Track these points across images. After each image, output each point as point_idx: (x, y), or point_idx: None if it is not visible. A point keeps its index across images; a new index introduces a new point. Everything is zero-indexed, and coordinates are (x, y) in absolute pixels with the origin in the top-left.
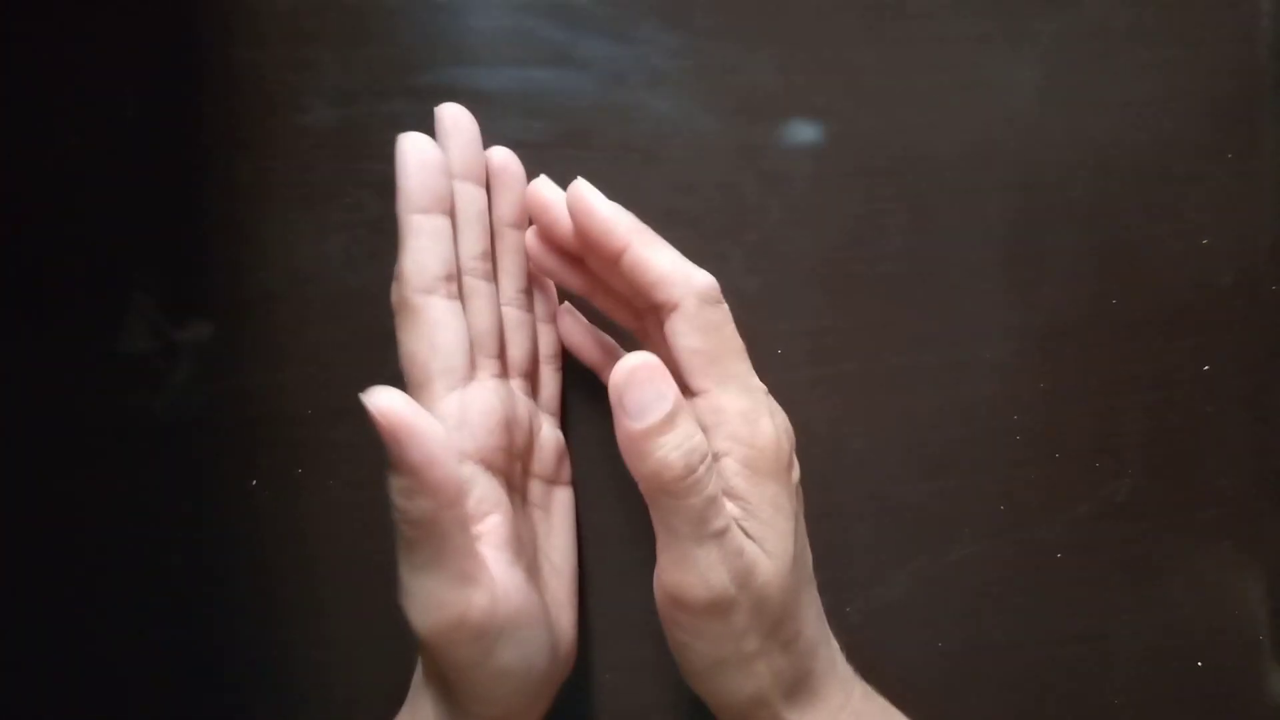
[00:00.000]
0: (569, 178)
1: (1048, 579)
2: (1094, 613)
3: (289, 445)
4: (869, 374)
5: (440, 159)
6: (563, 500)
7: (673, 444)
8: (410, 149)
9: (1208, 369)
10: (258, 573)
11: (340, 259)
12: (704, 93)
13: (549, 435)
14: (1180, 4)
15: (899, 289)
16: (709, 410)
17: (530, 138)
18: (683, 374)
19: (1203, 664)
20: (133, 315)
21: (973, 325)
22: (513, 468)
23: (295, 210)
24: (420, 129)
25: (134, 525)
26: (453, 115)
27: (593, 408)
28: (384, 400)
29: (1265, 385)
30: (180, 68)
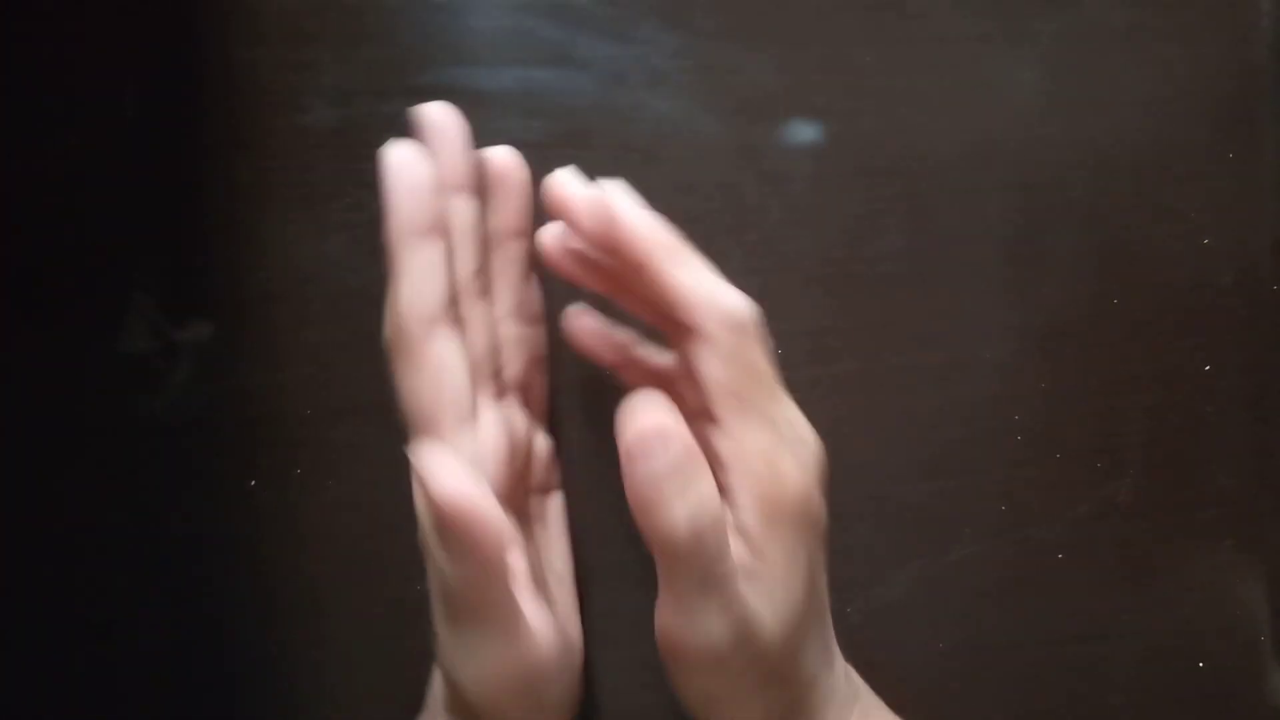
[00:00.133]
0: None
1: (1048, 579)
2: (1094, 613)
3: (289, 445)
4: (869, 374)
5: (432, 175)
6: (556, 506)
7: (681, 506)
8: (399, 166)
9: (1209, 369)
10: (257, 573)
11: (340, 259)
12: (704, 93)
13: (541, 445)
14: (1180, 4)
15: (899, 289)
16: (728, 447)
17: (530, 138)
18: (708, 404)
19: (1204, 664)
20: (132, 315)
21: (973, 325)
22: (516, 493)
23: (295, 210)
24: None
25: (133, 525)
26: (438, 117)
27: (591, 408)
28: (449, 482)
29: (1266, 385)
30: (180, 67)
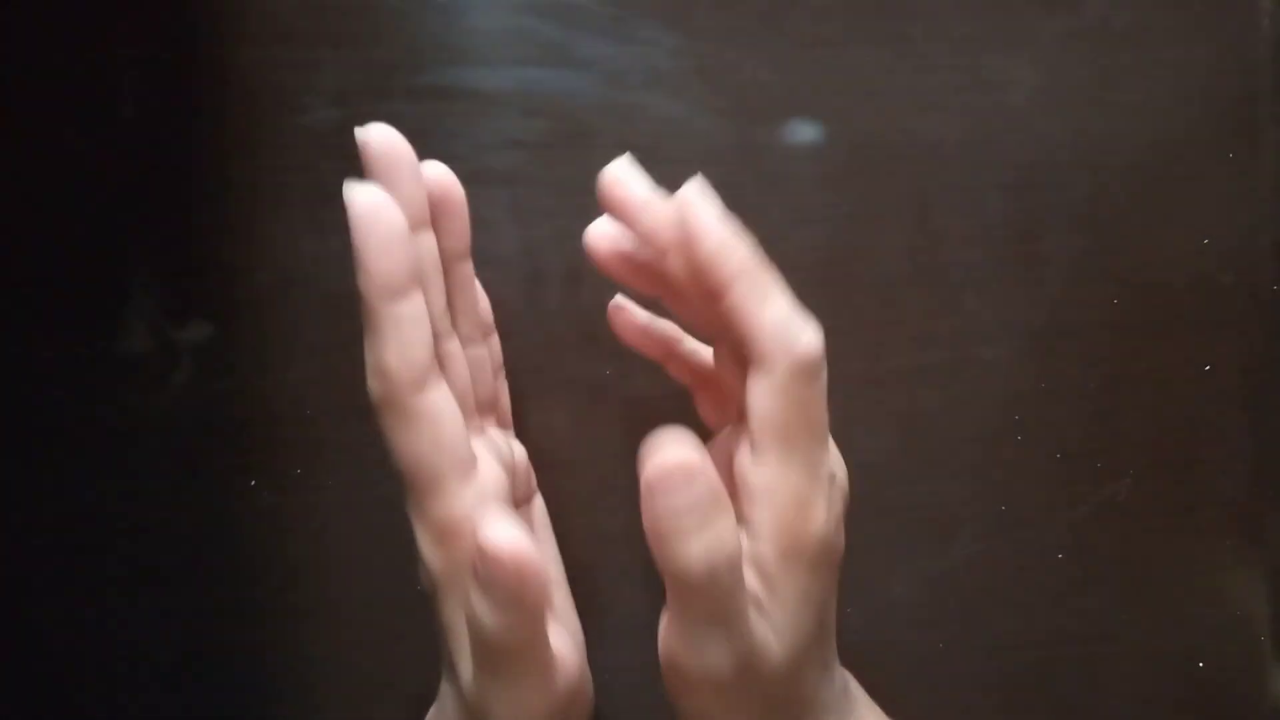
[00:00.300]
0: (570, 178)
1: (1048, 579)
2: (1095, 613)
3: (289, 445)
4: (869, 374)
5: (403, 223)
6: (539, 511)
7: (698, 545)
8: (370, 216)
9: (1209, 369)
10: (257, 573)
11: (340, 259)
12: (704, 93)
13: (518, 456)
14: (1180, 4)
15: (899, 289)
16: (763, 483)
17: (530, 138)
18: (749, 429)
19: (1204, 664)
20: (132, 315)
21: (973, 325)
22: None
23: (295, 210)
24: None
25: (133, 525)
26: (386, 143)
27: (590, 410)
28: (509, 540)
29: (1266, 385)
30: (179, 67)
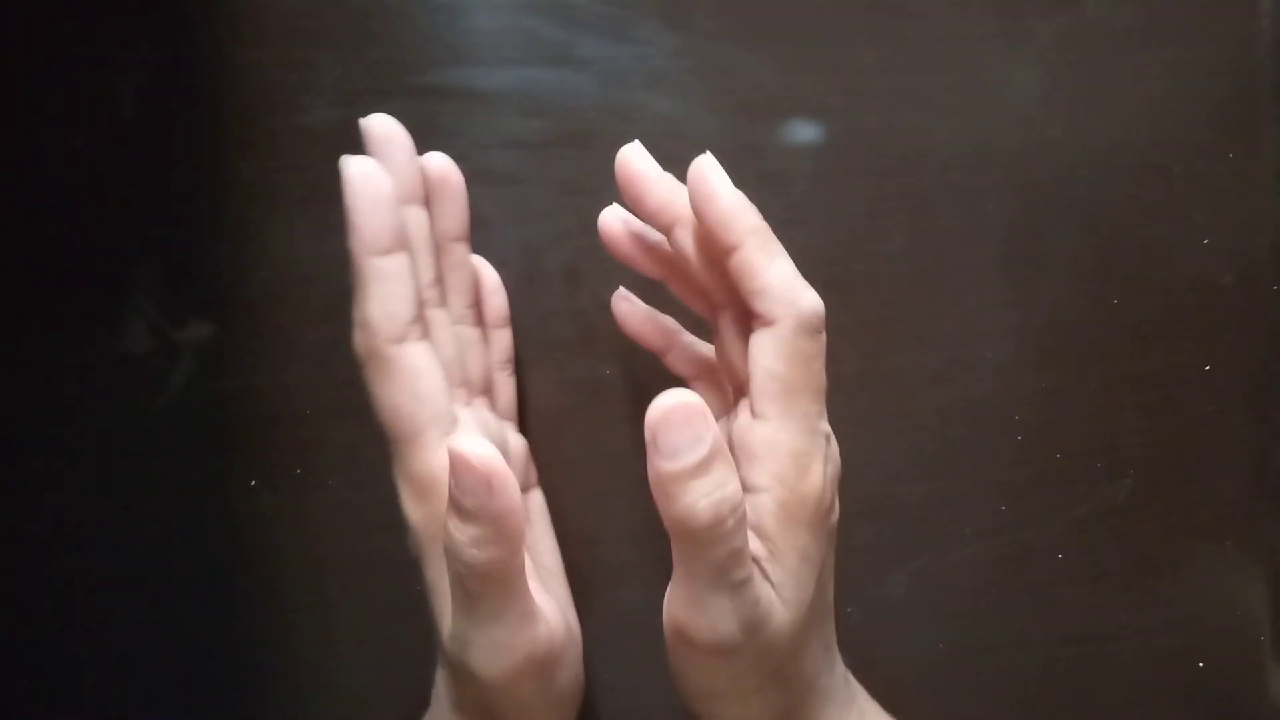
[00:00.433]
0: (569, 178)
1: (1048, 579)
2: (1095, 613)
3: (289, 445)
4: (869, 374)
5: (392, 189)
6: (537, 503)
7: (702, 491)
8: (360, 180)
9: (1209, 369)
10: (257, 573)
11: (340, 259)
12: (704, 93)
13: (516, 445)
14: (1180, 4)
15: (899, 289)
16: (763, 440)
17: (530, 137)
18: (750, 390)
19: (1204, 664)
20: (132, 315)
21: (973, 325)
22: None
23: (295, 210)
24: (420, 129)
25: (133, 525)
26: (385, 129)
27: (590, 410)
28: (478, 448)
29: (1266, 385)
30: (179, 67)
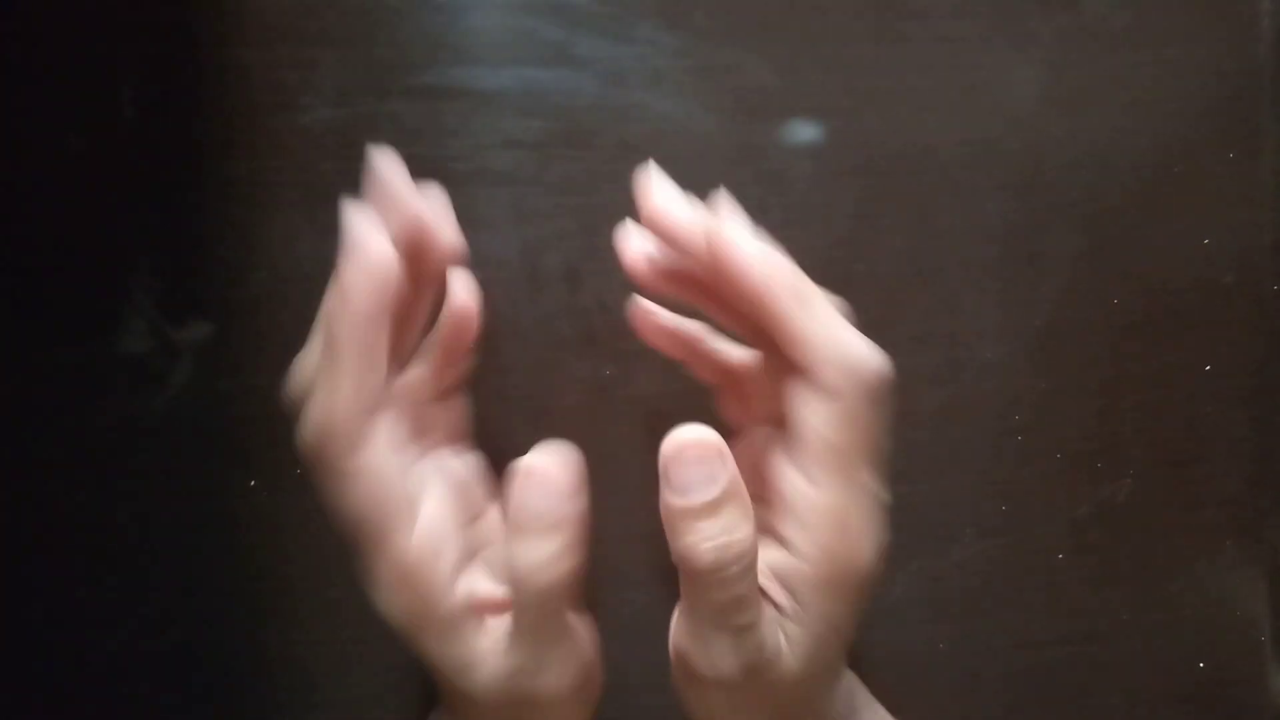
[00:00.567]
0: (569, 178)
1: (1049, 580)
2: (1095, 614)
3: (288, 445)
4: None
5: (398, 269)
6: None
7: (708, 534)
8: (367, 255)
9: (1209, 369)
10: (256, 573)
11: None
12: (704, 92)
13: (475, 469)
14: (1180, 4)
15: (899, 289)
16: (810, 505)
17: (529, 137)
18: (798, 448)
19: (1204, 665)
20: (132, 315)
21: (973, 325)
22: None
23: (295, 210)
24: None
25: (133, 525)
26: (398, 185)
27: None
28: (548, 460)
29: (1267, 385)
30: (178, 67)
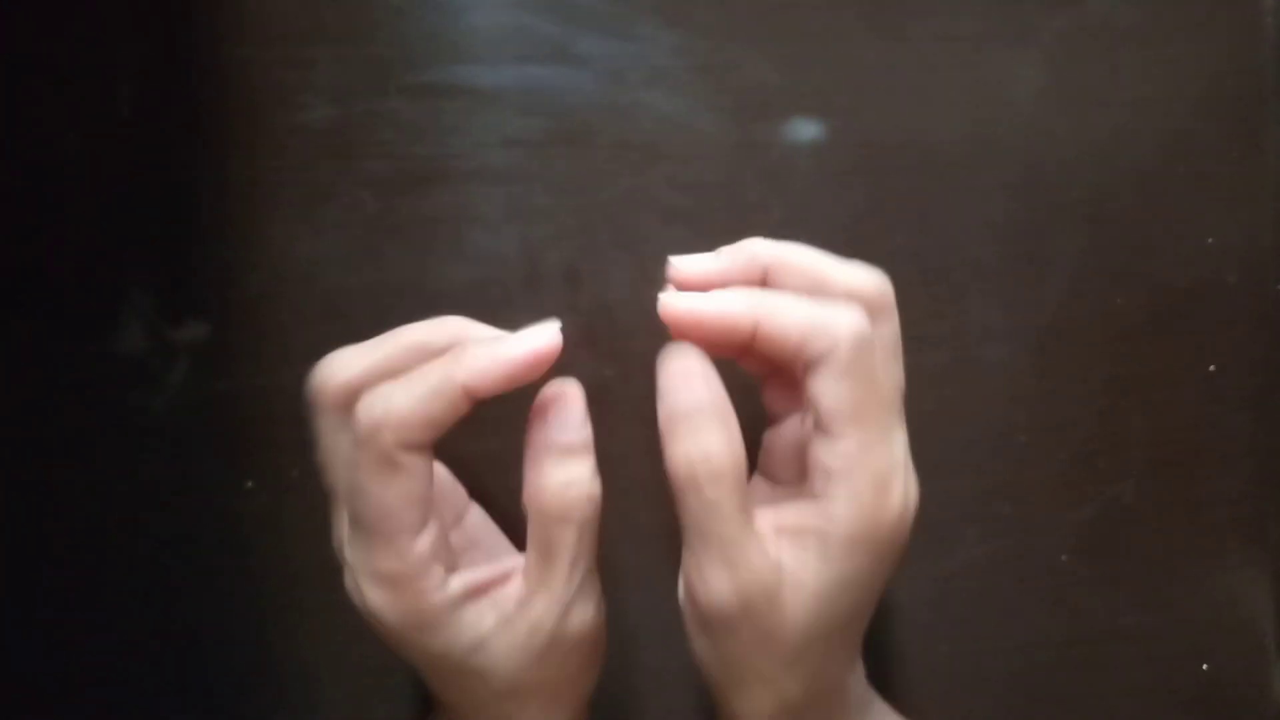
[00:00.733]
0: (569, 177)
1: (1052, 581)
2: (1099, 614)
3: (286, 445)
4: None
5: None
6: (478, 519)
7: (681, 451)
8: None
9: (1212, 368)
10: (255, 573)
11: (339, 258)
12: (704, 90)
13: (442, 479)
14: (1183, 3)
15: (899, 289)
16: (840, 455)
17: (529, 135)
18: (817, 418)
19: (1208, 666)
20: (130, 315)
21: (973, 325)
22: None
23: (295, 210)
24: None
25: (131, 525)
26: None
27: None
28: (570, 388)
29: (1270, 385)
30: (177, 66)
